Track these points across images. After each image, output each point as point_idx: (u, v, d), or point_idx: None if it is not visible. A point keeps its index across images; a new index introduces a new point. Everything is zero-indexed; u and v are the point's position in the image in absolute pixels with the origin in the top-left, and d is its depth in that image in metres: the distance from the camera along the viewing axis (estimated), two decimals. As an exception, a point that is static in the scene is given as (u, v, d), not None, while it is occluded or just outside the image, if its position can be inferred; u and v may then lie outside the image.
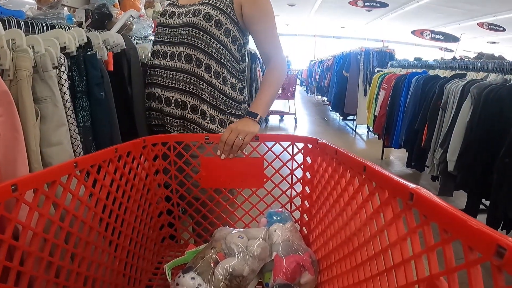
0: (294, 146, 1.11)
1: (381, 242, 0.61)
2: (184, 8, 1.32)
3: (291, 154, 1.11)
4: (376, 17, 11.20)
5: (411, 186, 0.51)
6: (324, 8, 10.40)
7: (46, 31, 1.26)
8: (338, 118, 8.76)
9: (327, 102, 9.68)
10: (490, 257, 0.34)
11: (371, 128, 5.26)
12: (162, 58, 1.34)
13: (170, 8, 1.38)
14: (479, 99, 2.46)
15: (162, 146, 1.11)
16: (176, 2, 1.39)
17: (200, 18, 1.25)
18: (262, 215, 1.13)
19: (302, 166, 1.11)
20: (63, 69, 1.16)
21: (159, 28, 1.37)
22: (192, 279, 0.81)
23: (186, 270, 0.84)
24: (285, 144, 1.11)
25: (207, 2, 1.28)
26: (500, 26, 10.07)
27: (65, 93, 1.17)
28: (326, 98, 9.64)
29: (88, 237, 0.77)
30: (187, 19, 1.28)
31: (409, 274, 0.53)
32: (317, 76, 10.57)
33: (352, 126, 7.68)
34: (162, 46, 1.34)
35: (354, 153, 0.76)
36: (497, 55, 3.59)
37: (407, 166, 3.85)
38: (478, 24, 10.02)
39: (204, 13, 1.26)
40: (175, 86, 1.30)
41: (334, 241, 0.84)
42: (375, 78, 4.91)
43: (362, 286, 0.67)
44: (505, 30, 10.23)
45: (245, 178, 1.12)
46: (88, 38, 1.33)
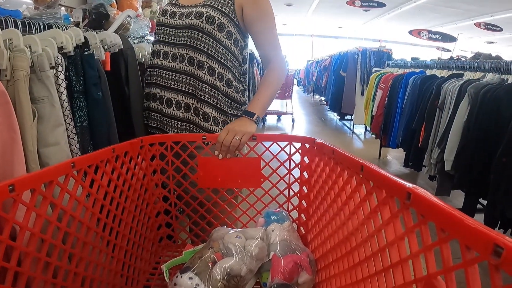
0: (292, 146, 1.11)
1: (378, 242, 0.61)
2: (185, 8, 1.31)
3: (289, 154, 1.11)
4: (373, 17, 11.22)
5: (409, 185, 0.51)
6: (321, 8, 10.40)
7: (43, 31, 1.25)
8: (335, 118, 8.77)
9: (325, 102, 9.68)
10: (488, 256, 0.34)
11: (369, 127, 5.27)
12: (163, 59, 1.32)
13: (171, 7, 1.36)
14: (476, 99, 2.46)
15: (159, 146, 1.11)
16: (176, 2, 1.37)
17: (202, 20, 1.25)
18: (260, 215, 1.13)
19: (299, 166, 1.11)
20: (60, 69, 1.16)
21: (160, 27, 1.35)
22: (190, 279, 0.81)
23: (184, 270, 0.84)
24: (282, 144, 1.11)
25: (209, 4, 1.27)
26: (497, 26, 10.10)
27: (62, 93, 1.16)
28: (323, 98, 9.65)
29: (85, 237, 0.76)
30: (189, 21, 1.26)
31: (406, 273, 0.53)
32: (314, 76, 10.57)
33: (349, 126, 7.68)
34: (163, 46, 1.33)
35: (352, 152, 0.76)
36: (494, 55, 3.60)
37: (405, 166, 3.86)
38: (475, 24, 10.04)
39: (206, 15, 1.25)
40: (177, 88, 1.30)
41: (332, 240, 0.84)
42: (373, 78, 4.92)
43: (360, 285, 0.67)
44: (502, 30, 10.26)
45: (242, 178, 1.12)
46: (85, 38, 1.33)
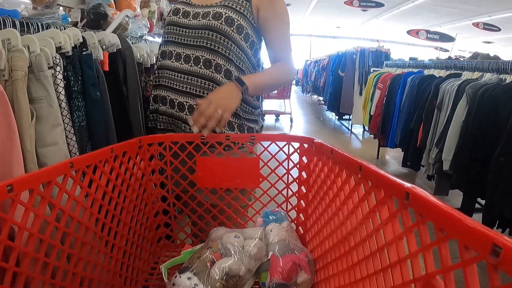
0: (290, 145, 1.11)
1: (377, 241, 0.61)
2: (199, 8, 1.26)
3: (287, 153, 1.11)
4: (371, 17, 11.24)
5: (407, 185, 0.51)
6: (319, 8, 10.41)
7: (41, 31, 1.25)
8: (333, 117, 8.78)
9: (323, 102, 9.69)
10: (486, 256, 0.34)
11: (367, 127, 5.28)
12: (175, 60, 1.26)
13: (183, 6, 1.29)
14: (474, 99, 2.47)
15: (158, 146, 1.11)
16: (189, 1, 1.31)
17: (221, 22, 1.20)
18: (258, 215, 1.13)
19: (298, 166, 1.11)
20: (59, 69, 1.16)
21: (171, 27, 1.29)
22: (188, 279, 0.81)
23: (183, 270, 0.84)
24: (281, 143, 1.11)
25: (226, 5, 1.22)
26: (495, 26, 10.12)
27: (60, 93, 1.16)
28: (321, 98, 9.66)
29: (84, 237, 0.76)
30: (207, 22, 1.21)
31: (405, 273, 0.53)
32: (312, 75, 10.58)
33: (347, 126, 7.70)
34: (175, 47, 1.27)
35: (350, 152, 0.76)
36: (492, 55, 3.60)
37: (403, 166, 3.87)
38: (473, 24, 10.06)
39: (225, 16, 1.20)
40: (190, 91, 1.25)
41: (330, 240, 0.84)
42: (371, 78, 4.93)
43: (358, 285, 0.67)
44: (500, 30, 10.29)
45: (241, 177, 1.12)
46: (83, 38, 1.33)
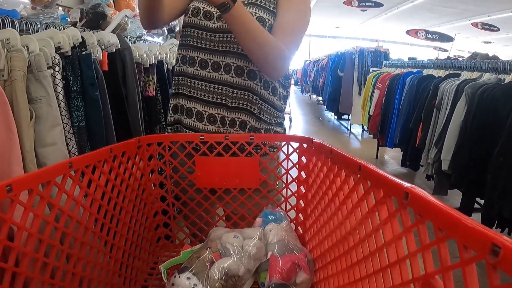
0: (289, 145, 1.11)
1: (376, 241, 0.61)
2: None
3: (286, 153, 1.11)
4: (370, 17, 11.24)
5: (406, 185, 0.51)
6: (319, 7, 10.41)
7: (40, 31, 1.25)
8: (332, 117, 8.78)
9: (322, 102, 9.70)
10: (485, 255, 0.34)
11: (366, 127, 5.29)
12: (201, 68, 1.15)
13: (203, 5, 1.14)
14: (473, 99, 2.48)
15: (157, 146, 1.11)
16: None
17: None
18: (257, 215, 1.13)
19: (297, 166, 1.11)
20: (58, 69, 1.16)
21: (191, 30, 1.15)
22: (187, 279, 0.81)
23: (182, 270, 0.84)
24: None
25: (255, 3, 1.11)
26: (494, 26, 10.13)
27: (59, 93, 1.17)
28: (320, 98, 9.67)
29: (83, 237, 0.76)
30: None
31: (404, 272, 0.53)
32: (311, 75, 10.59)
33: (346, 126, 7.70)
34: (199, 53, 1.15)
35: (349, 152, 0.76)
36: (491, 55, 3.61)
37: (402, 166, 3.87)
38: (472, 24, 10.07)
39: (256, 18, 1.08)
40: (222, 102, 1.16)
41: (330, 240, 0.84)
42: (370, 78, 4.94)
43: (357, 285, 0.67)
44: (499, 30, 10.30)
45: (240, 177, 1.12)
46: (82, 38, 1.33)
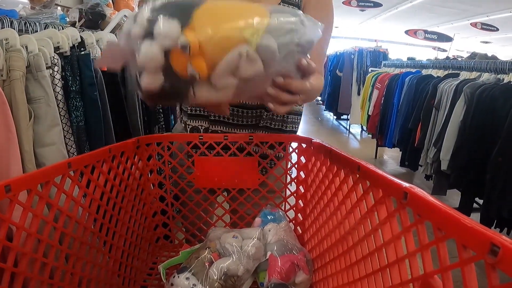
0: (288, 145, 1.11)
1: (375, 241, 0.61)
2: None
3: (285, 153, 1.11)
4: (369, 16, 11.23)
5: (405, 185, 0.51)
6: (318, 7, 10.38)
7: (39, 31, 1.25)
8: (331, 117, 8.78)
9: (321, 102, 9.70)
10: (484, 255, 0.34)
11: (365, 127, 5.29)
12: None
13: None
14: (472, 99, 2.48)
15: (156, 146, 1.11)
16: None
17: None
18: (257, 215, 1.13)
19: (296, 166, 1.11)
20: (57, 69, 1.16)
21: None
22: (186, 279, 0.81)
23: (181, 270, 0.84)
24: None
25: None
26: (493, 26, 10.13)
27: (58, 93, 1.16)
28: (319, 98, 9.66)
29: (82, 237, 0.76)
30: None
31: (403, 272, 0.53)
32: (311, 75, 10.56)
33: (345, 126, 7.71)
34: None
35: (348, 152, 0.76)
36: (490, 55, 3.62)
37: (401, 165, 3.87)
38: (471, 24, 10.07)
39: None
40: (244, 123, 1.16)
41: (329, 240, 0.84)
42: (369, 78, 4.94)
43: (356, 284, 0.67)
44: (498, 30, 10.30)
45: (239, 177, 1.12)
46: (81, 38, 1.33)
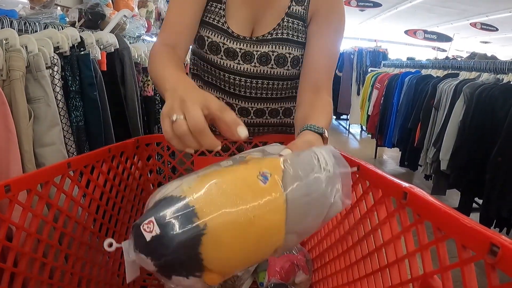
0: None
1: (375, 241, 0.61)
2: (249, 44, 0.97)
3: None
4: (369, 16, 11.22)
5: (405, 185, 0.51)
6: (317, 7, 10.38)
7: (39, 31, 1.25)
8: (332, 117, 8.77)
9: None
10: (484, 255, 0.34)
11: (364, 127, 5.29)
12: (240, 115, 1.09)
13: (222, 40, 0.97)
14: (472, 99, 2.48)
15: (155, 146, 1.11)
16: (228, 30, 0.96)
17: (288, 67, 0.99)
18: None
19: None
20: (56, 69, 1.16)
21: (212, 68, 1.04)
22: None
23: (181, 270, 0.83)
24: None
25: (287, 38, 0.97)
26: (492, 26, 10.13)
27: (58, 93, 1.16)
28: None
29: (82, 237, 0.76)
30: (269, 71, 0.99)
31: (403, 272, 0.53)
32: (311, 75, 10.56)
33: (345, 126, 7.71)
34: (224, 96, 1.07)
35: (348, 152, 0.76)
36: (489, 55, 3.62)
37: (400, 165, 3.87)
38: (470, 24, 10.06)
39: (291, 59, 0.98)
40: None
41: (328, 240, 0.84)
42: (368, 78, 4.94)
43: (356, 284, 0.67)
44: (497, 30, 10.30)
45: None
46: (81, 38, 1.33)
